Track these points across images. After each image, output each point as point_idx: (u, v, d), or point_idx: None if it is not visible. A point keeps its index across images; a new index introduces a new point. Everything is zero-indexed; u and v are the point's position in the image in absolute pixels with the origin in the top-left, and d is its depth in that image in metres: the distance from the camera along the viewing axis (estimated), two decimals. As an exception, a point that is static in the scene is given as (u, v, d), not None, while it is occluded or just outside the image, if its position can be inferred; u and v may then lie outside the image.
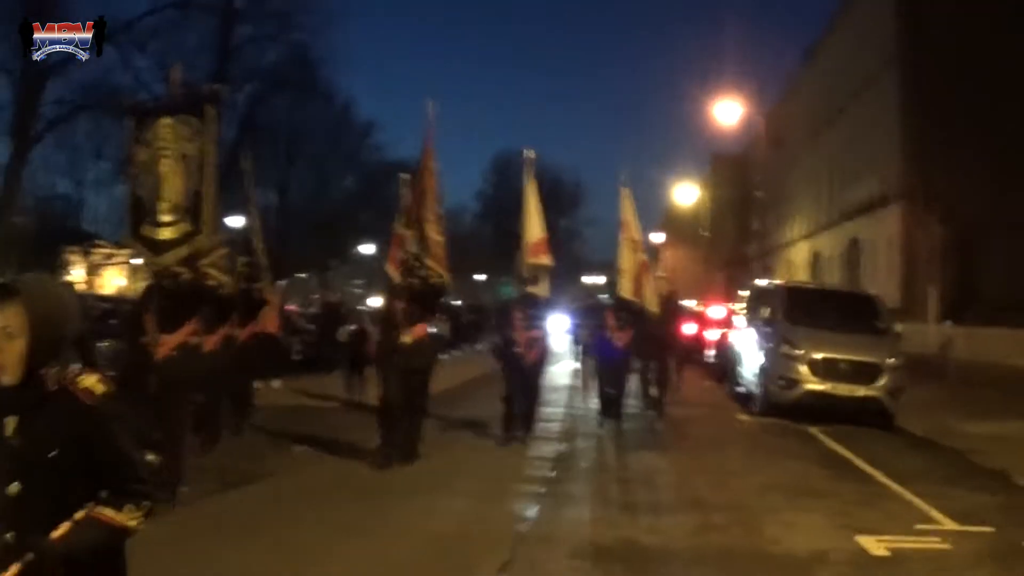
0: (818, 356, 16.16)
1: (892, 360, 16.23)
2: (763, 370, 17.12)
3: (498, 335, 14.84)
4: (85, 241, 46.74)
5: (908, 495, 10.11)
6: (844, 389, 15.92)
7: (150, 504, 2.80)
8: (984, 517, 8.88)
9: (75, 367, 2.82)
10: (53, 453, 2.72)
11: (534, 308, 13.92)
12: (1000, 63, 30.38)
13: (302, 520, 8.20)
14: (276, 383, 17.60)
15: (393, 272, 12.79)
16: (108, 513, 2.72)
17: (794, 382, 16.21)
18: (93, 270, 49.85)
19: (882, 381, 15.93)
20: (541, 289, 14.52)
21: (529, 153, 15.15)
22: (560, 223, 69.01)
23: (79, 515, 2.69)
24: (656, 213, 77.22)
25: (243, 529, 7.88)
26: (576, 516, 8.91)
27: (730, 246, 65.71)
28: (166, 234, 9.20)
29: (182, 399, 9.02)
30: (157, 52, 32.04)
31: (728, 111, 43.07)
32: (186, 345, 9.12)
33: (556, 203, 68.62)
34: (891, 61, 36.34)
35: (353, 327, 18.78)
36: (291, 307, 27.52)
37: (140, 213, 9.39)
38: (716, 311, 28.40)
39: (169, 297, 9.05)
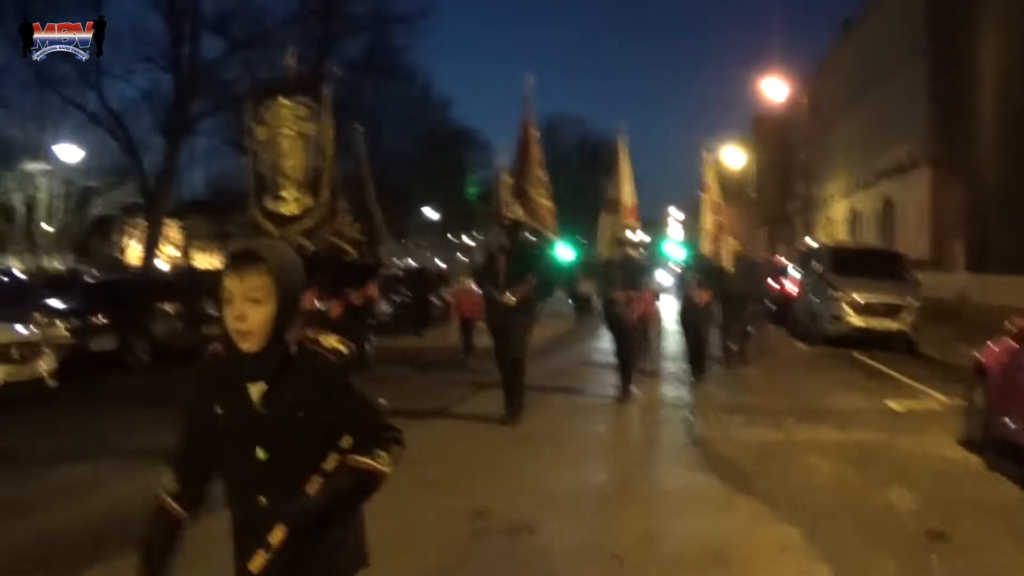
0: (858, 299, 22.05)
1: (913, 302, 22.24)
2: (816, 311, 23.09)
3: (601, 296, 16.16)
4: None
5: (919, 385, 16.04)
6: (877, 323, 21.93)
7: (400, 448, 2.90)
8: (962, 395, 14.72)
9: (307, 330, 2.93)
10: (302, 414, 2.82)
11: (634, 270, 14.78)
12: (1016, 46, 32.57)
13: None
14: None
15: (497, 232, 13.43)
16: (363, 460, 2.81)
17: (839, 319, 22.16)
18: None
19: (906, 317, 21.90)
20: (636, 251, 15.61)
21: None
22: (603, 184, 73.10)
23: (329, 466, 2.81)
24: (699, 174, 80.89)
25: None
26: (714, 404, 14.83)
27: (772, 204, 68.98)
28: (289, 208, 9.83)
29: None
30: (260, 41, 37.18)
31: (773, 87, 47.92)
32: (313, 312, 10.10)
33: (602, 166, 75.17)
34: (921, 39, 39.43)
35: (456, 287, 21.79)
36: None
37: (262, 188, 9.99)
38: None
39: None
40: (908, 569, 6.45)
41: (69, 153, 37.77)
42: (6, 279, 24.56)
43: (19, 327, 14.38)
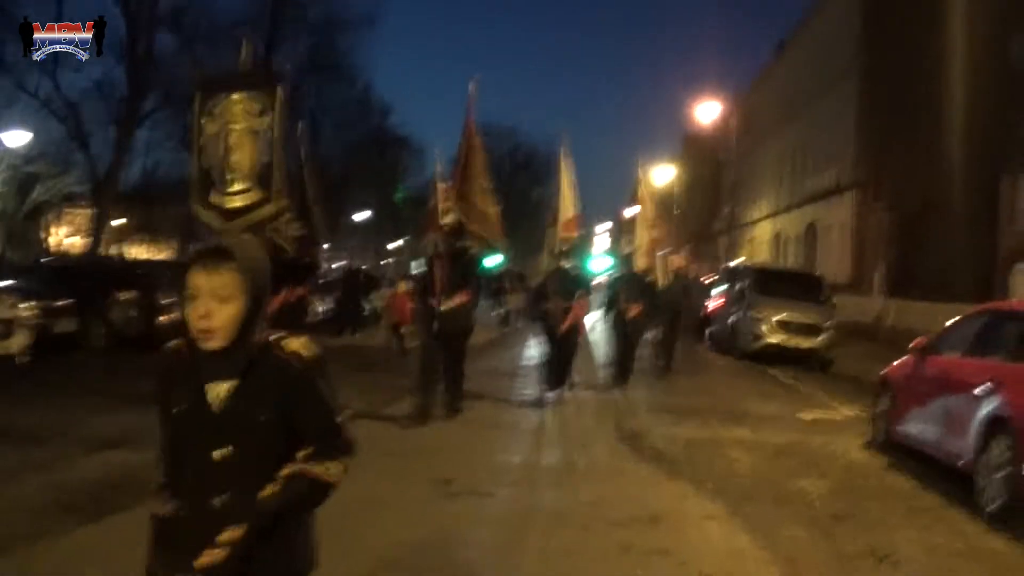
0: (776, 318, 23.43)
1: (829, 323, 23.68)
2: (736, 328, 24.46)
3: (534, 307, 16.67)
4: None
5: (829, 400, 17.33)
6: (794, 342, 23.30)
7: (351, 459, 2.93)
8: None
9: (273, 330, 2.93)
10: (263, 418, 2.83)
11: (567, 281, 15.00)
12: (942, 72, 34.29)
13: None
14: None
15: (433, 239, 13.44)
16: (316, 470, 2.84)
17: (758, 336, 23.49)
18: (75, 232, 53.00)
19: (821, 337, 23.32)
20: (571, 263, 15.69)
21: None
22: (533, 193, 73.21)
23: (285, 472, 2.82)
24: (626, 187, 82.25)
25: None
26: (643, 405, 16.00)
27: (698, 221, 70.92)
28: (236, 202, 9.70)
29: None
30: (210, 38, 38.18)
31: (705, 108, 49.70)
32: None
33: (533, 173, 74.86)
34: (851, 65, 41.15)
35: (389, 291, 22.39)
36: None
37: (207, 182, 9.87)
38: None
39: None
40: (816, 538, 7.64)
41: (17, 138, 37.89)
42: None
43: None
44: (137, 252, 52.67)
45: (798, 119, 49.65)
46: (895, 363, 12.33)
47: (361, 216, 61.75)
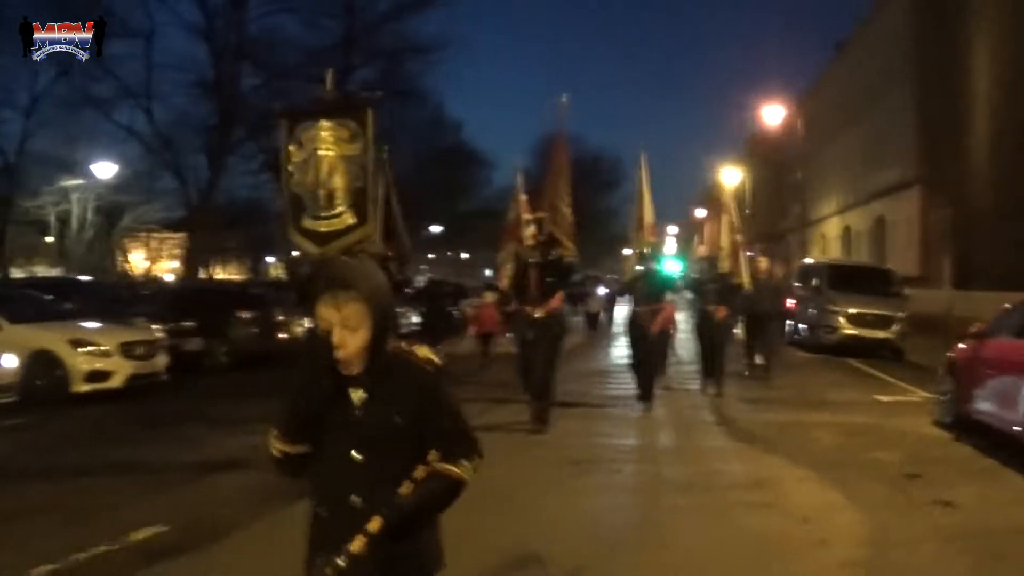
0: (852, 311, 25.25)
1: (901, 314, 25.46)
2: (814, 321, 26.22)
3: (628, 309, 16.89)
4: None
5: (905, 385, 19.11)
6: (868, 333, 25.11)
7: (480, 458, 3.18)
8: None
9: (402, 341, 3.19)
10: (398, 420, 3.06)
11: (655, 284, 15.69)
12: (1001, 70, 34.79)
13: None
14: None
15: (520, 248, 13.93)
16: (449, 469, 3.08)
17: (835, 329, 25.29)
18: (151, 256, 56.29)
19: (894, 327, 25.07)
20: (657, 265, 16.36)
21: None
22: (599, 199, 74.51)
23: (419, 473, 3.04)
24: (695, 189, 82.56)
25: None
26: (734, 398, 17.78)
27: (766, 221, 71.56)
28: (331, 226, 9.48)
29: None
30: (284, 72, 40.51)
31: (769, 112, 50.91)
32: None
33: (596, 182, 74.00)
34: (911, 65, 41.89)
35: (478, 302, 23.71)
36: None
37: (299, 208, 9.66)
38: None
39: None
40: (893, 493, 9.52)
41: (104, 170, 40.17)
42: (97, 289, 27.36)
43: (140, 328, 17.70)
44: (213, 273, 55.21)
45: (861, 117, 50.26)
46: (959, 346, 14.04)
47: (436, 229, 63.72)
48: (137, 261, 54.36)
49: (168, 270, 52.68)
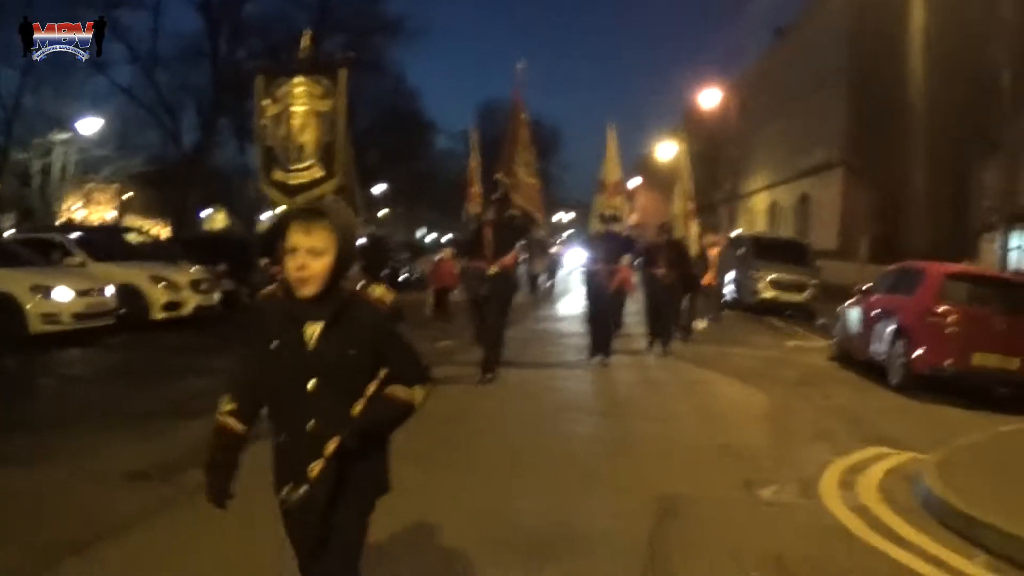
0: (771, 276, 29.74)
1: (814, 281, 30.13)
2: (739, 285, 30.93)
3: (584, 267, 17.67)
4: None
5: (811, 335, 23.71)
6: (785, 296, 29.70)
7: (432, 386, 3.48)
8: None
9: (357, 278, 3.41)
10: (352, 352, 3.34)
11: (614, 243, 16.08)
12: (922, 69, 38.46)
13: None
14: None
15: (475, 207, 15.06)
16: (399, 393, 3.35)
17: (757, 292, 29.88)
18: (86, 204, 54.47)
19: (806, 292, 29.80)
20: (619, 226, 16.79)
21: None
22: (539, 166, 77.62)
23: (371, 388, 3.33)
24: (630, 158, 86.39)
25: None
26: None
27: (699, 193, 74.56)
28: (299, 179, 9.83)
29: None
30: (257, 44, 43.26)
31: (706, 95, 55.17)
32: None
33: (538, 148, 79.01)
34: (842, 62, 45.88)
35: (437, 258, 24.18)
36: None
37: (271, 161, 9.98)
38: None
39: None
40: (789, 390, 14.25)
41: (90, 126, 41.26)
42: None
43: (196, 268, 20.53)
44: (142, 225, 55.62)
45: (795, 100, 53.84)
46: (848, 302, 18.67)
47: (378, 189, 66.44)
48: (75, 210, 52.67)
49: (102, 219, 51.96)
